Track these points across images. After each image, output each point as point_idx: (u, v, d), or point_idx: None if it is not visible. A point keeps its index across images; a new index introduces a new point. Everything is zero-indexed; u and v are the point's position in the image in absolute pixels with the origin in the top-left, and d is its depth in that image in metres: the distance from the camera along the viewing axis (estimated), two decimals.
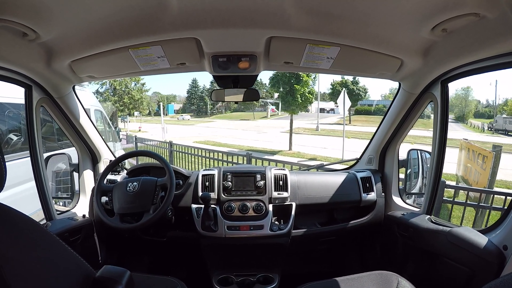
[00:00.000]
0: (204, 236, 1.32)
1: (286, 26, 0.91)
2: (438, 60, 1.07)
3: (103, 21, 0.89)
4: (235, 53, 1.07)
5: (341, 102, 9.37)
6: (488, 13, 0.76)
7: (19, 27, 0.82)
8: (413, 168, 1.67)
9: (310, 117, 26.36)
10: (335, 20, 0.90)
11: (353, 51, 1.03)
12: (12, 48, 0.93)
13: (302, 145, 12.89)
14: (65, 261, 0.49)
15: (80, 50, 1.03)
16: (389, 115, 1.49)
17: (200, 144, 10.34)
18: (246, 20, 0.89)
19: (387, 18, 0.89)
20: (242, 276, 1.39)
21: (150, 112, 31.70)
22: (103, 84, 18.74)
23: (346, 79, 23.83)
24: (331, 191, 1.48)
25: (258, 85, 37.65)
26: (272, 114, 30.60)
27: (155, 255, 1.60)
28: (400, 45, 1.03)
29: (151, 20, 0.89)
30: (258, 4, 0.82)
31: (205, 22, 0.90)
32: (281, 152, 11.52)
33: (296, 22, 0.89)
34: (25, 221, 0.46)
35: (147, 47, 1.01)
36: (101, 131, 4.84)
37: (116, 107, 18.82)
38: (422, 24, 0.87)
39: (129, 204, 1.26)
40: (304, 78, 10.60)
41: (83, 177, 1.57)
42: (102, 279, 0.50)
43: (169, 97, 42.83)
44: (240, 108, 37.09)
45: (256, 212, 1.34)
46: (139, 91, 19.84)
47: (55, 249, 0.50)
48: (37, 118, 1.25)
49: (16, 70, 1.06)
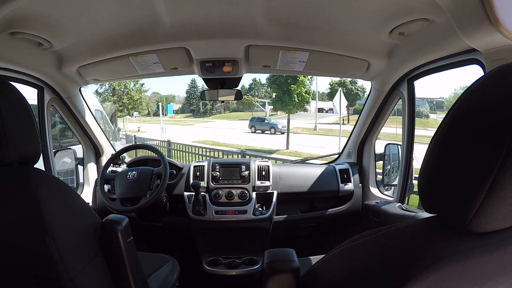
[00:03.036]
0: (194, 220, 1.47)
1: (260, 35, 1.07)
2: (401, 61, 1.20)
3: (107, 33, 1.07)
4: (219, 59, 1.24)
5: (337, 101, 9.51)
6: (436, 18, 0.86)
7: (36, 38, 0.98)
8: (390, 161, 1.81)
9: (308, 116, 26.45)
10: (303, 29, 1.05)
11: (322, 55, 1.18)
12: (29, 55, 1.09)
13: (300, 144, 12.99)
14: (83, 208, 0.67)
15: (87, 57, 1.21)
16: (364, 112, 1.63)
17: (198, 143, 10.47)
18: (226, 32, 1.05)
19: (349, 25, 1.03)
20: (230, 258, 1.53)
21: (149, 112, 31.79)
22: (102, 84, 18.83)
23: (345, 79, 23.98)
24: (310, 181, 1.63)
25: (257, 85, 37.81)
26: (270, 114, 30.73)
27: (153, 239, 1.75)
28: (365, 48, 1.17)
29: (147, 33, 1.07)
30: (235, 19, 0.99)
31: (192, 34, 1.07)
32: (278, 151, 11.65)
33: (268, 32, 1.05)
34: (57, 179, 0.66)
35: (144, 54, 1.19)
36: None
37: (115, 107, 18.92)
38: (380, 28, 1.00)
39: (128, 190, 1.42)
40: (301, 78, 10.73)
41: (87, 169, 1.74)
42: (107, 221, 0.68)
43: (168, 97, 42.89)
44: (239, 108, 37.20)
45: (241, 198, 1.49)
46: (138, 91, 19.92)
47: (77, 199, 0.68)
48: (48, 116, 1.42)
49: (31, 74, 1.23)
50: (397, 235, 0.37)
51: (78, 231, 0.63)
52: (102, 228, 0.68)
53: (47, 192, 0.57)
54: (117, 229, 0.66)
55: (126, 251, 0.67)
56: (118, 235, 0.66)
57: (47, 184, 0.59)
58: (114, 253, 0.67)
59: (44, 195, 0.56)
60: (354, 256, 0.40)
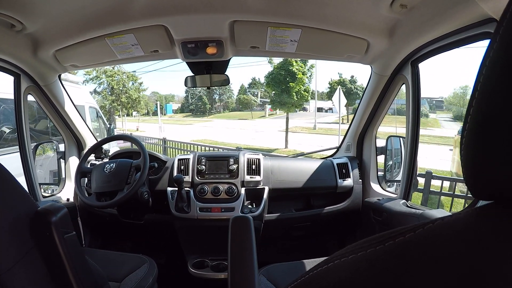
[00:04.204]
0: (177, 218, 1.36)
1: (245, 9, 0.96)
2: (404, 39, 1.08)
3: (80, 12, 1.01)
4: (202, 39, 1.14)
5: (336, 99, 9.40)
6: None
7: (7, 18, 0.94)
8: (393, 155, 1.67)
9: (308, 116, 26.39)
10: (293, 1, 0.92)
11: (315, 32, 1.06)
12: (2, 39, 1.04)
13: (299, 143, 12.91)
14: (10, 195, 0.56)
15: (62, 40, 1.15)
16: (364, 101, 1.50)
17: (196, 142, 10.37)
18: (207, 5, 0.95)
19: None
20: (217, 260, 1.41)
21: (148, 112, 31.68)
22: (101, 83, 18.73)
23: (344, 78, 23.90)
24: (306, 176, 1.50)
25: (257, 84, 37.69)
26: (270, 113, 30.65)
27: (136, 238, 1.63)
28: (363, 25, 1.05)
29: (122, 9, 1.00)
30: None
31: (170, 9, 0.98)
32: (277, 150, 11.54)
33: (254, 4, 0.94)
34: None
35: (121, 35, 1.12)
36: (96, 128, 4.86)
37: (113, 106, 18.80)
38: (379, 0, 0.88)
39: (105, 183, 1.31)
40: (299, 75, 10.62)
41: (68, 163, 1.65)
42: (42, 210, 0.57)
43: (167, 96, 42.82)
44: (238, 107, 37.14)
45: (228, 195, 1.36)
46: (136, 90, 19.81)
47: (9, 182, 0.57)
48: (25, 105, 1.35)
49: (6, 59, 1.18)
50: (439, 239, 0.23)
51: (7, 222, 0.52)
52: (34, 218, 0.56)
53: None
54: (50, 220, 0.55)
55: (63, 248, 0.56)
56: (51, 227, 0.55)
57: None
58: (49, 250, 0.56)
59: None
60: (372, 269, 0.26)
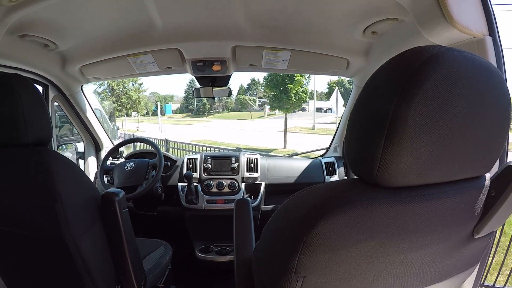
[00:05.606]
0: (187, 209, 1.58)
1: (244, 37, 1.20)
2: (377, 58, 1.28)
3: (106, 36, 1.20)
4: (209, 59, 1.36)
5: (334, 101, 9.64)
6: (404, 17, 0.93)
7: (43, 40, 1.11)
8: None
9: (307, 116, 26.53)
10: (283, 30, 1.17)
11: (303, 54, 1.29)
12: (36, 56, 1.22)
13: (297, 143, 13.08)
14: (87, 183, 0.80)
15: (89, 58, 1.34)
16: (347, 108, 1.75)
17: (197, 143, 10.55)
18: (214, 34, 1.18)
19: (325, 26, 1.14)
20: (221, 246, 1.64)
21: (147, 112, 31.83)
22: (101, 84, 18.89)
23: (343, 79, 24.09)
24: (297, 173, 1.73)
25: (256, 84, 37.86)
26: (269, 114, 30.83)
27: (149, 228, 1.86)
28: (343, 47, 1.27)
29: (143, 36, 1.21)
30: (221, 22, 1.12)
31: (183, 36, 1.20)
32: (276, 150, 11.76)
33: (251, 34, 1.17)
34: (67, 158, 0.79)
35: (141, 55, 1.32)
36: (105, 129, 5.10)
37: (114, 107, 19.01)
38: (354, 28, 1.09)
39: (126, 179, 1.53)
40: (297, 77, 10.85)
41: (87, 162, 1.86)
42: (107, 193, 0.81)
43: (166, 97, 42.94)
44: (238, 108, 37.28)
45: (231, 189, 1.60)
46: (136, 91, 20.03)
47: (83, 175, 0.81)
48: (52, 111, 1.54)
49: (38, 73, 1.35)
50: (324, 187, 0.46)
51: (83, 200, 0.75)
52: (102, 199, 0.80)
53: (60, 166, 0.70)
54: (115, 199, 0.79)
55: (122, 219, 0.80)
56: (115, 205, 0.79)
57: (60, 161, 0.72)
58: (111, 221, 0.79)
59: (57, 168, 0.68)
60: (287, 206, 0.50)
